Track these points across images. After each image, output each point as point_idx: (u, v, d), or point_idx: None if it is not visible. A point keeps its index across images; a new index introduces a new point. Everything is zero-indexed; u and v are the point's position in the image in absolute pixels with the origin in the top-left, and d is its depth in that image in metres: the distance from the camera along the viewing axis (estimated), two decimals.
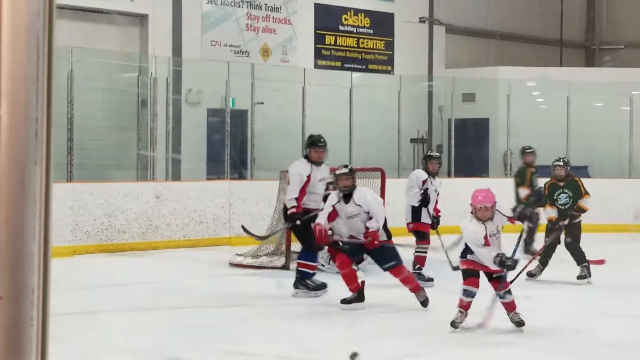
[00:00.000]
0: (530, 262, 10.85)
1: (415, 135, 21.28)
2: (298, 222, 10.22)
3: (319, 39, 20.53)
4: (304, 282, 10.24)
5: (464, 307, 8.25)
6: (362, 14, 21.32)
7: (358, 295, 9.39)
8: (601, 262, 11.28)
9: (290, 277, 11.61)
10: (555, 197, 11.74)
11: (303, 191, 10.23)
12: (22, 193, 1.53)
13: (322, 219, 9.38)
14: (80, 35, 16.60)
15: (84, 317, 8.91)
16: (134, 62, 17.27)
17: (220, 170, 17.00)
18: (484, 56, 24.70)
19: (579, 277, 11.50)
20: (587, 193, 11.73)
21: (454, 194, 16.82)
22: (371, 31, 21.43)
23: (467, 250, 8.23)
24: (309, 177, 10.29)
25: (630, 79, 21.52)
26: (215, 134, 17.95)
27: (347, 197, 9.36)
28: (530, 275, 11.50)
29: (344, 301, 9.36)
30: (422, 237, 11.26)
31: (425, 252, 11.23)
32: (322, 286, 10.26)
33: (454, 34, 23.77)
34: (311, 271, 10.28)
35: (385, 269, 9.37)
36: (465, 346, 7.79)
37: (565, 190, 11.73)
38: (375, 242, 9.20)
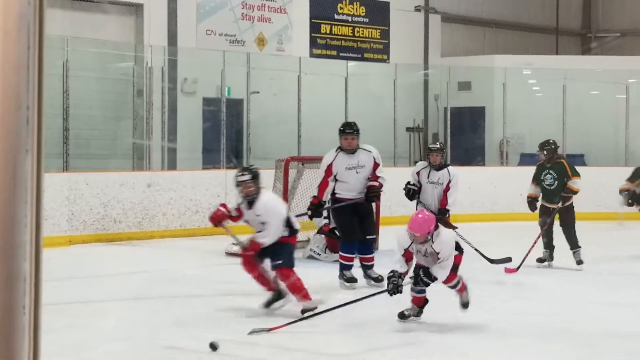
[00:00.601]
0: (532, 248, 10.97)
1: (411, 124, 21.27)
2: (309, 212, 10.20)
3: (314, 27, 20.51)
4: (340, 273, 10.20)
5: (416, 302, 8.16)
6: (358, 3, 21.28)
7: (277, 293, 8.69)
8: (513, 270, 11.15)
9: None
10: (542, 178, 11.85)
11: (325, 182, 10.14)
12: (14, 182, 1.52)
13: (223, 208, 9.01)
14: (75, 24, 16.57)
15: (79, 307, 8.91)
16: (129, 52, 17.24)
17: (215, 159, 17.00)
18: (479, 44, 24.68)
19: (578, 263, 11.54)
20: (576, 174, 11.73)
21: None
22: (367, 20, 21.40)
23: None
24: (329, 166, 10.12)
25: (626, 66, 21.52)
26: (210, 124, 17.94)
27: (250, 203, 8.69)
28: (541, 261, 11.60)
29: (266, 305, 8.65)
30: None
31: None
32: (352, 279, 10.13)
33: (450, 23, 23.75)
34: (345, 262, 10.17)
35: (272, 267, 8.64)
36: (469, 335, 7.79)
37: (551, 172, 11.77)
38: (252, 251, 8.63)
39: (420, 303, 8.17)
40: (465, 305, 8.21)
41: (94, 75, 16.84)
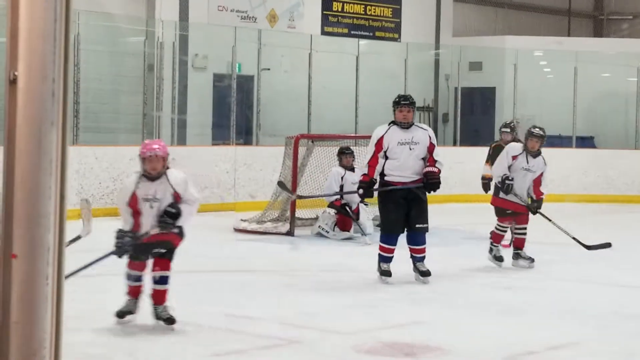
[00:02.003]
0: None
1: (421, 103, 21.21)
2: (360, 191, 9.19)
3: (326, 5, 20.44)
4: (378, 265, 9.30)
5: (131, 294, 7.18)
6: None
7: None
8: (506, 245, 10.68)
9: (294, 243, 11.64)
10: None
11: (375, 157, 9.09)
12: (39, 153, 1.53)
13: None
14: None
15: (86, 281, 8.94)
16: (141, 26, 17.21)
17: (225, 135, 17.00)
18: (491, 25, 24.60)
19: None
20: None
21: (459, 162, 16.86)
22: None
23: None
24: (380, 140, 9.12)
25: (638, 49, 21.43)
26: (221, 99, 17.94)
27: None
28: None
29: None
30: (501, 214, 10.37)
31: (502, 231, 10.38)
32: (386, 273, 9.20)
33: (462, 2, 23.67)
34: (384, 254, 9.21)
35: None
36: (472, 315, 7.82)
37: None
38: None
39: (136, 294, 7.14)
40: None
41: (105, 49, 16.83)
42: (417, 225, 9.08)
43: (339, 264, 10.44)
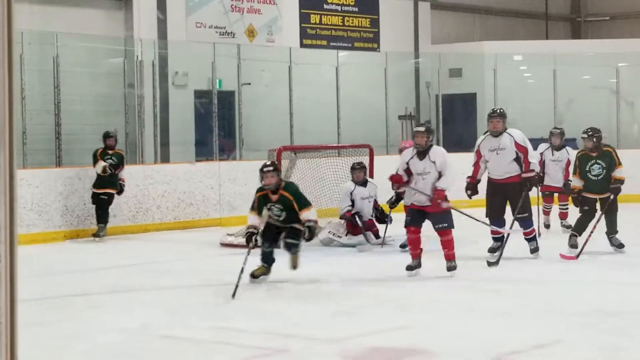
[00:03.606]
0: (589, 237, 10.96)
1: (403, 112, 21.30)
2: (468, 191, 11.09)
3: (304, 18, 20.51)
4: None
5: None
6: None
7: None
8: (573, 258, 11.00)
9: (279, 254, 11.63)
10: (587, 168, 11.38)
11: (477, 165, 11.17)
12: None
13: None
14: (65, 20, 16.55)
15: (74, 299, 8.95)
16: (120, 46, 17.24)
17: (208, 151, 17.03)
18: (469, 31, 24.70)
19: (619, 247, 11.40)
20: (620, 163, 11.36)
21: None
22: (356, 9, 21.41)
23: None
24: (477, 148, 11.19)
25: (616, 50, 21.54)
26: (202, 116, 17.96)
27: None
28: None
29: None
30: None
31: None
32: (492, 249, 11.17)
33: (440, 10, 23.76)
34: (494, 235, 11.25)
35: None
36: (459, 317, 7.84)
37: (599, 161, 11.32)
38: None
39: None
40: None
41: (85, 70, 16.83)
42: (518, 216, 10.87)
43: (322, 273, 10.45)
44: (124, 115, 16.52)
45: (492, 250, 11.21)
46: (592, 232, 11.06)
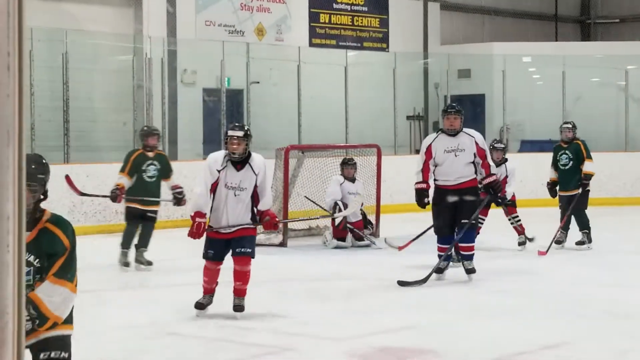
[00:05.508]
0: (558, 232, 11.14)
1: (411, 112, 21.29)
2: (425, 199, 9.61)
3: (313, 17, 20.50)
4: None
5: None
6: None
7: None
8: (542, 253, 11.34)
9: (287, 254, 11.68)
10: (557, 158, 12.00)
11: (426, 166, 9.59)
12: None
13: None
14: (74, 16, 16.56)
15: (82, 296, 8.95)
16: (129, 44, 17.24)
17: (216, 149, 16.98)
18: (479, 32, 24.67)
19: (578, 243, 11.73)
20: (589, 157, 11.85)
21: None
22: (365, 9, 21.39)
23: None
24: (428, 148, 9.65)
25: (625, 52, 21.51)
26: (211, 114, 17.96)
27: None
28: (559, 242, 11.71)
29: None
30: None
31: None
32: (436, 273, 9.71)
33: (449, 11, 23.74)
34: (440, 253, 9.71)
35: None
36: (467, 318, 7.84)
37: (567, 152, 11.92)
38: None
39: None
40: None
41: (94, 67, 16.85)
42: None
43: (329, 272, 10.46)
44: (133, 112, 16.51)
45: (439, 271, 9.72)
46: (560, 227, 11.63)
